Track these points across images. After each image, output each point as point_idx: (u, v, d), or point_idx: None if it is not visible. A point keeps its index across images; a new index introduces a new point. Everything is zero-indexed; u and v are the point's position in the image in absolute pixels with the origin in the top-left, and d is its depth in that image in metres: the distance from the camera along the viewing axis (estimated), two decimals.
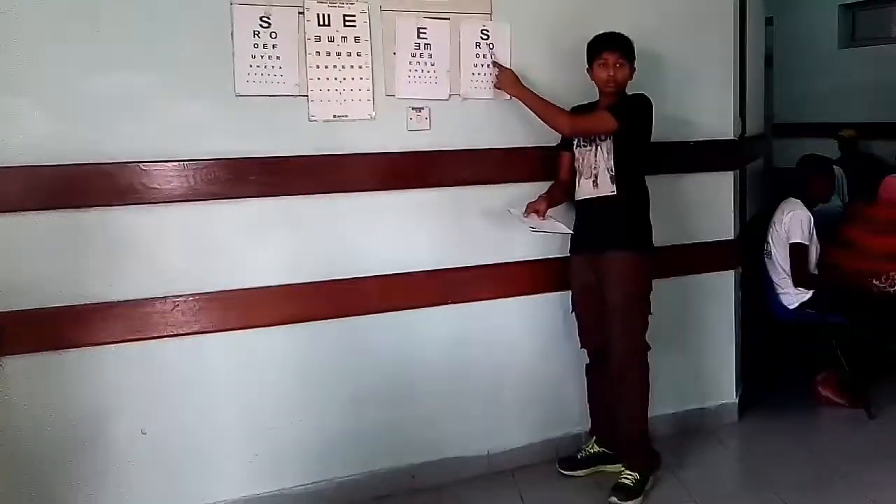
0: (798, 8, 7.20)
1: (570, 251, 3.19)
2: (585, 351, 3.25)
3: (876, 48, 7.13)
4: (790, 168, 4.31)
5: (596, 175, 3.02)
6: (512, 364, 3.32)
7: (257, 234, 2.88)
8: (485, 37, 3.08)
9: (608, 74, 2.98)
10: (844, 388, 3.99)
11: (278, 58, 2.81)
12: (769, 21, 5.61)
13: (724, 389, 3.79)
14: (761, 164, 4.97)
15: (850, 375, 3.97)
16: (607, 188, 3.01)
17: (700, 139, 3.52)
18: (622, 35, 3.00)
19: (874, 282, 4.12)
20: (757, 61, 4.38)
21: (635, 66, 3.02)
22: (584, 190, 3.07)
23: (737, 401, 3.82)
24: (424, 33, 3.00)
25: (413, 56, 2.99)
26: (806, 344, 4.12)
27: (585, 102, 3.12)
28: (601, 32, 3.02)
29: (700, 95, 3.53)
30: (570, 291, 3.20)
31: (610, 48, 2.98)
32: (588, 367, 3.28)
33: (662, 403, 3.56)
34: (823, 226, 4.11)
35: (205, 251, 2.82)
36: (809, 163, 4.14)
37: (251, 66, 2.78)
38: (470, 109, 3.11)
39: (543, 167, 3.20)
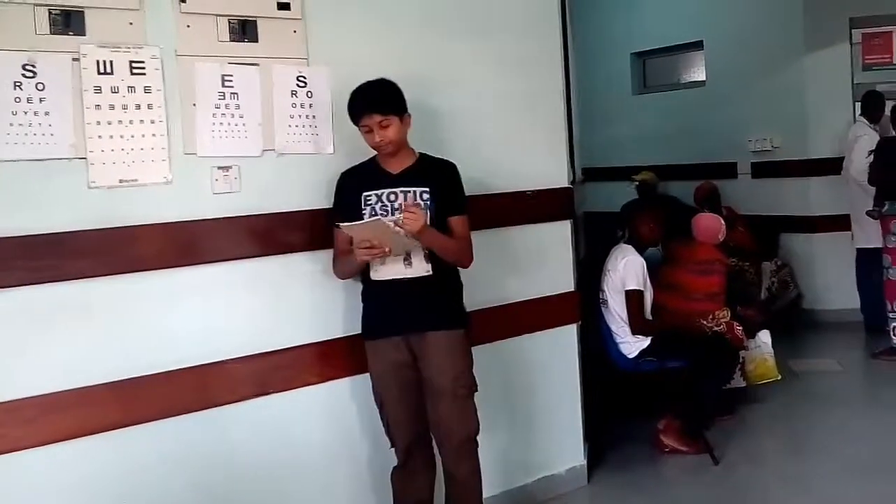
0: (594, 55, 7.43)
1: (370, 336, 2.75)
2: (396, 450, 2.80)
3: (666, 94, 7.54)
4: (609, 212, 4.28)
5: (408, 254, 2.64)
6: (345, 451, 2.92)
7: (28, 333, 2.32)
8: (302, 84, 2.72)
9: (378, 141, 2.60)
10: (686, 434, 3.93)
11: (47, 113, 2.31)
12: None
13: (571, 453, 3.59)
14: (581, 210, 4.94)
15: (692, 421, 3.92)
16: (422, 268, 2.65)
17: (535, 188, 3.36)
18: (377, 88, 2.61)
19: (703, 322, 4.16)
20: (577, 107, 4.35)
21: (408, 112, 2.65)
22: (391, 270, 2.66)
23: (585, 462, 3.64)
24: (230, 81, 2.59)
25: (217, 107, 2.57)
26: (649, 392, 4.03)
27: (356, 165, 2.74)
28: (354, 90, 2.61)
29: (532, 142, 3.38)
30: (374, 386, 2.77)
31: (367, 112, 2.57)
32: (399, 467, 2.82)
33: (511, 478, 3.34)
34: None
35: None
36: (635, 208, 4.12)
37: (12, 124, 2.26)
38: (287, 166, 2.73)
39: None
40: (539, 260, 3.43)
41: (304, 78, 2.73)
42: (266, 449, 2.73)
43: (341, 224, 2.56)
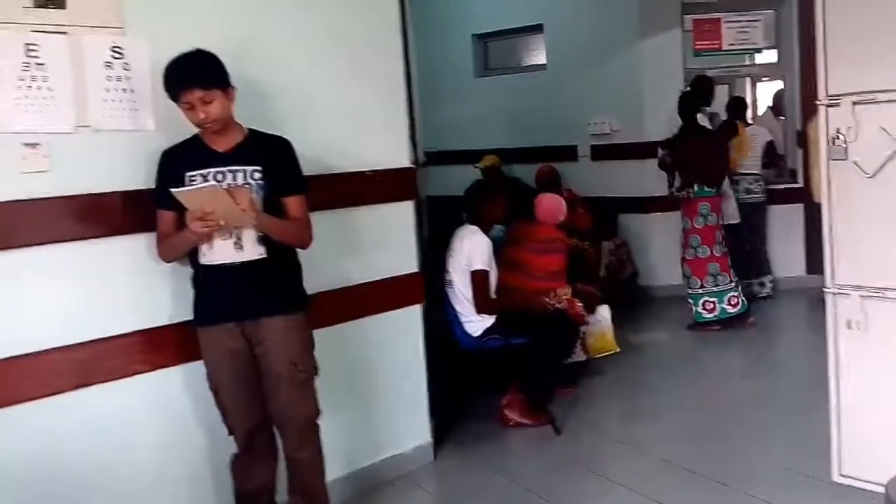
0: (434, 36, 7.40)
1: (202, 322, 2.63)
2: (235, 438, 2.72)
3: (508, 77, 7.62)
4: (453, 196, 4.31)
5: (239, 237, 2.53)
6: (180, 442, 2.80)
7: None
8: (117, 55, 2.54)
9: (202, 117, 2.44)
10: (529, 408, 4.03)
11: None
12: None
13: (418, 431, 3.61)
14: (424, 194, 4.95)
15: (535, 395, 4.02)
16: (255, 251, 2.54)
17: (377, 168, 3.31)
18: (195, 61, 2.44)
19: (546, 300, 4.26)
20: (418, 87, 4.34)
21: (232, 84, 2.50)
22: (221, 254, 2.53)
23: (431, 440, 3.67)
24: (35, 51, 2.38)
25: (22, 80, 2.36)
26: (493, 369, 4.10)
27: (178, 143, 2.58)
28: (169, 64, 2.43)
29: (372, 121, 3.34)
30: (208, 374, 2.66)
31: (187, 87, 2.41)
32: (239, 455, 2.74)
33: (356, 458, 3.33)
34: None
35: None
36: (480, 189, 4.16)
37: None
38: (104, 143, 2.55)
39: None
40: (382, 241, 3.41)
41: (121, 49, 2.54)
42: (92, 444, 2.58)
43: (173, 189, 2.40)
